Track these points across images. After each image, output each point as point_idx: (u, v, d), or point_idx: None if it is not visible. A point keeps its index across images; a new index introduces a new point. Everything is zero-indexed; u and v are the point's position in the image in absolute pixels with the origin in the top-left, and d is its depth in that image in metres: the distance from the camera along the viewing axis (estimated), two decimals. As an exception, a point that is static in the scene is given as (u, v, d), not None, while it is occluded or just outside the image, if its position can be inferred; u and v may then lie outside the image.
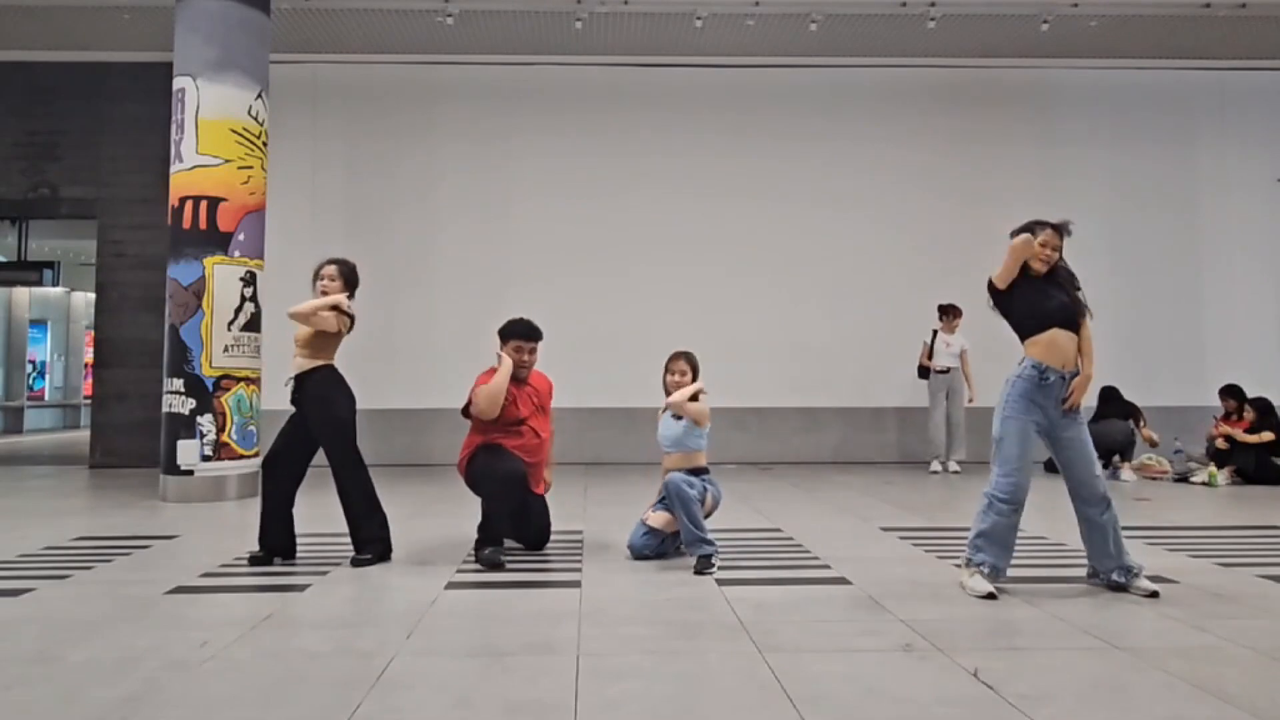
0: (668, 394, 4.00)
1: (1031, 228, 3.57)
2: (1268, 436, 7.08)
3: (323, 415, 3.87)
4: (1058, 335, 3.40)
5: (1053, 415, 3.39)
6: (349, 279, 4.06)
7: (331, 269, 4.04)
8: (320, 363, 3.96)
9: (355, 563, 3.79)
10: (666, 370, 4.04)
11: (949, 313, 8.07)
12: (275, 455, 3.91)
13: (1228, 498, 6.26)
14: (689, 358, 4.05)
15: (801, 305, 8.77)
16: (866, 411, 8.80)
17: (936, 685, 2.29)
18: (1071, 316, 3.45)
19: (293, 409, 3.92)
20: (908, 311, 8.80)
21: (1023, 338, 3.53)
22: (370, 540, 3.88)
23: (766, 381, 8.69)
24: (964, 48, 8.86)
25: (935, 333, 8.12)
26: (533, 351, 4.07)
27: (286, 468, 3.90)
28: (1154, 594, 3.21)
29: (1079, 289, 3.58)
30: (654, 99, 9.02)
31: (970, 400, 8.03)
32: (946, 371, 8.00)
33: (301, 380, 3.90)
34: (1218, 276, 9.13)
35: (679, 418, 3.97)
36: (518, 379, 4.01)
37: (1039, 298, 3.47)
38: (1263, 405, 7.32)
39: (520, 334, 4.05)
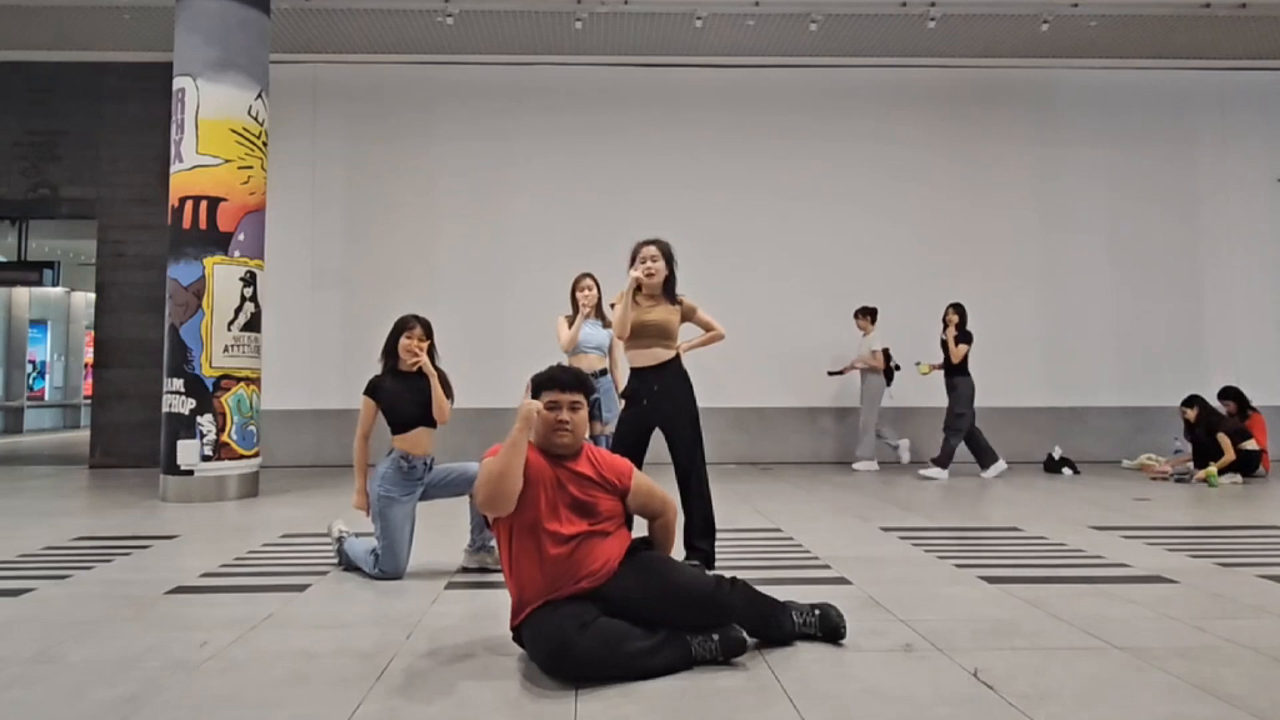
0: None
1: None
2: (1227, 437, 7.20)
3: None
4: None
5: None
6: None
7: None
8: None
9: None
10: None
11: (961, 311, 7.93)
12: None
13: (1228, 498, 6.26)
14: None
15: (801, 305, 8.77)
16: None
17: (936, 685, 2.29)
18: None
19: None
20: (908, 311, 8.81)
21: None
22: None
23: (766, 381, 8.70)
24: (964, 48, 8.86)
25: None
26: (575, 407, 2.60)
27: None
28: None
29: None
30: (654, 99, 9.02)
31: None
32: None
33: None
34: (1218, 276, 9.13)
35: (606, 326, 4.77)
36: (555, 454, 2.60)
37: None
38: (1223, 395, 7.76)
39: (553, 382, 2.62)
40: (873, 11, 8.07)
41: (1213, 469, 7.00)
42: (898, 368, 8.24)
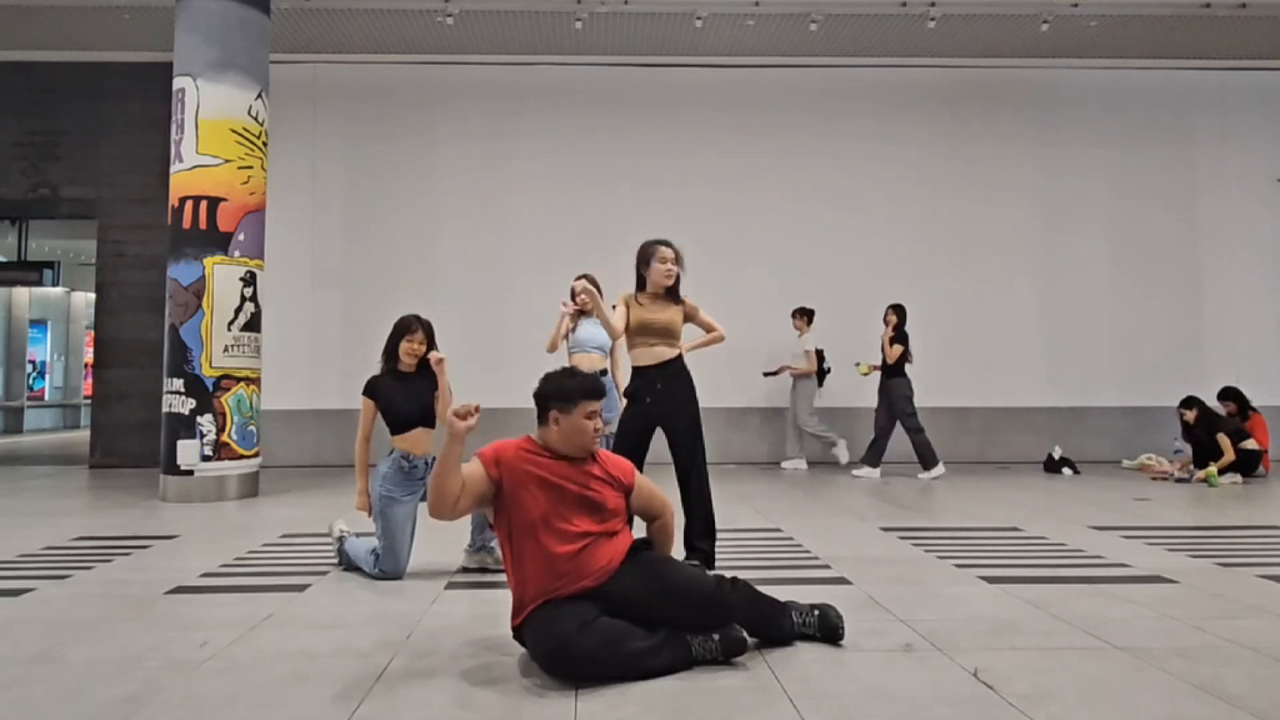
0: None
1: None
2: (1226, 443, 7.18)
3: None
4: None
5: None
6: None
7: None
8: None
9: None
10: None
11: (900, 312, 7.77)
12: None
13: (1228, 498, 6.26)
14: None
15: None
16: (865, 411, 8.77)
17: (936, 685, 2.29)
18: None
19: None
20: (908, 311, 8.81)
21: None
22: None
23: (765, 381, 8.69)
24: (964, 48, 8.86)
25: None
26: (600, 413, 2.64)
27: None
28: None
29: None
30: (654, 99, 9.02)
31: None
32: None
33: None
34: (1217, 276, 9.13)
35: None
36: (567, 456, 2.59)
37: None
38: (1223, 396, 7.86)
39: (590, 392, 2.59)
40: (873, 11, 8.07)
41: (1213, 469, 7.00)
42: (828, 370, 8.31)
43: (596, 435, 2.58)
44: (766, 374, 8.41)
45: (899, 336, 7.59)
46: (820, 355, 8.25)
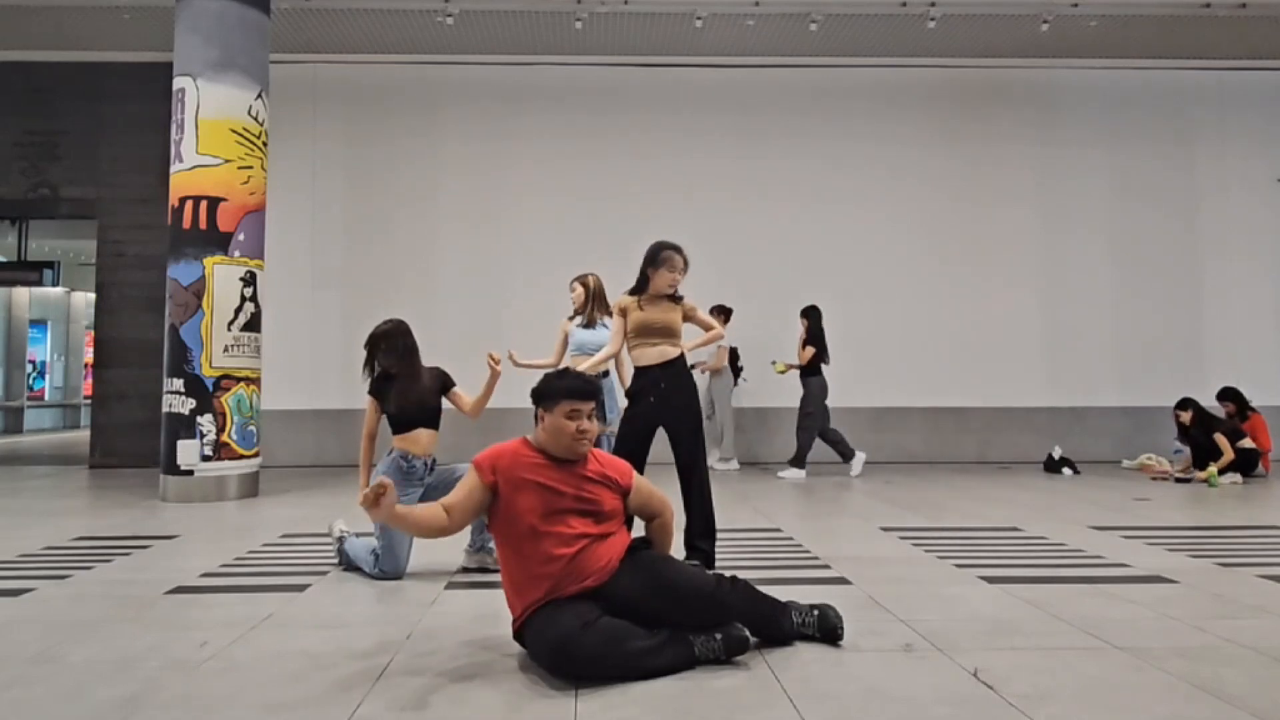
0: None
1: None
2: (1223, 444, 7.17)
3: None
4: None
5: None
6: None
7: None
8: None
9: None
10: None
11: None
12: None
13: (1228, 498, 6.26)
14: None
15: (800, 304, 8.75)
16: (865, 411, 8.80)
17: (936, 685, 2.29)
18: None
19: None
20: (906, 310, 8.82)
21: None
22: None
23: (764, 381, 8.68)
24: (964, 48, 8.86)
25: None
26: (592, 415, 2.60)
27: None
28: None
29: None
30: (654, 99, 9.02)
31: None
32: None
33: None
34: (1217, 276, 9.13)
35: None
36: (563, 458, 2.59)
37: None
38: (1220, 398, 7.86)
39: (572, 393, 2.57)
40: (873, 11, 8.07)
41: (1213, 469, 7.00)
42: (742, 369, 8.38)
43: (580, 437, 2.54)
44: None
45: (812, 339, 7.68)
46: (734, 354, 8.31)
